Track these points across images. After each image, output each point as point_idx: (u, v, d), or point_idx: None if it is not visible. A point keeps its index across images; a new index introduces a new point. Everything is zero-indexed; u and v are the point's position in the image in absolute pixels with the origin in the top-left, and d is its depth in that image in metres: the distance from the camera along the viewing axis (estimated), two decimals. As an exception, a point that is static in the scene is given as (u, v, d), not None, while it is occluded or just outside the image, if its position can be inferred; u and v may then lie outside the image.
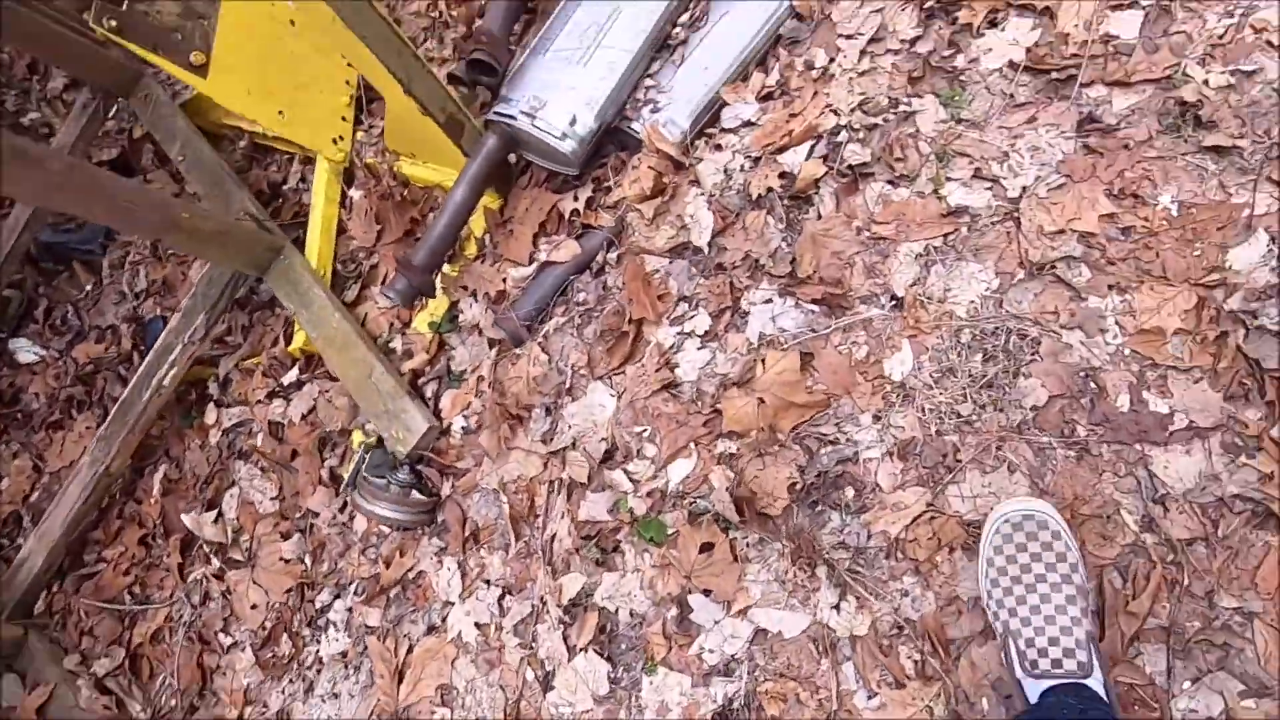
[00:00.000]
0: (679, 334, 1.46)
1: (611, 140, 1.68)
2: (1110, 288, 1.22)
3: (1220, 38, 1.31)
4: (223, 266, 1.78)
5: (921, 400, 1.25)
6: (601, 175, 1.68)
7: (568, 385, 1.53)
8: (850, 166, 1.44)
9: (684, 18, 1.66)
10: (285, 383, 1.85)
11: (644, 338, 1.50)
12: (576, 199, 1.65)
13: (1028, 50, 1.41)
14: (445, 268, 1.75)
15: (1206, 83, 1.28)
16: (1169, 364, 1.14)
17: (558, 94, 1.57)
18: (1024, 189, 1.32)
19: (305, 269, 1.79)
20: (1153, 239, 1.22)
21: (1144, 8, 1.37)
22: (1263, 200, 1.19)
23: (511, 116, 1.57)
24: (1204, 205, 1.22)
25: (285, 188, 2.12)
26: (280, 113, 1.82)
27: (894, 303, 1.34)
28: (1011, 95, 1.40)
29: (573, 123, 1.55)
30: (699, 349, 1.44)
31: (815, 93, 1.54)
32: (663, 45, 1.66)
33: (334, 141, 1.94)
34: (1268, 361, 1.09)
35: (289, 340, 1.86)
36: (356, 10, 1.29)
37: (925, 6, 1.51)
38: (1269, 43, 1.28)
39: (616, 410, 1.46)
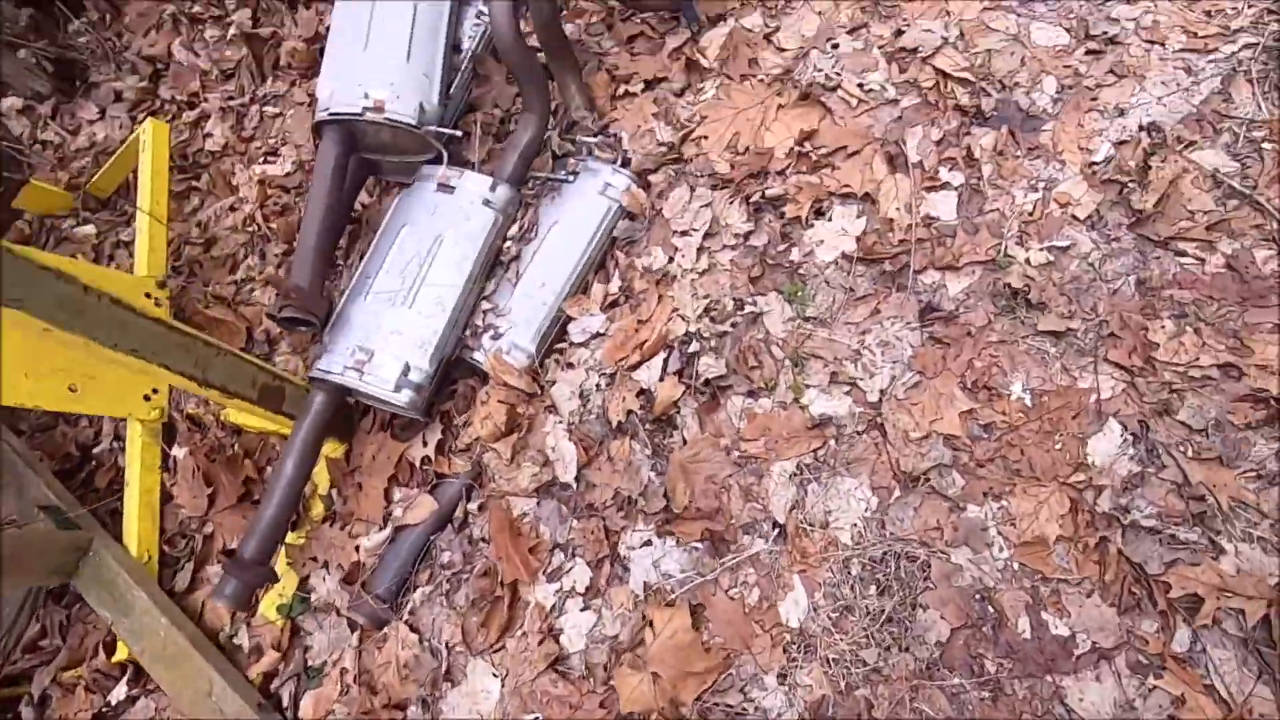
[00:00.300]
0: (558, 593, 1.32)
1: (456, 368, 1.55)
2: (985, 495, 1.18)
3: (1030, 214, 1.34)
4: (15, 586, 1.50)
5: (824, 650, 1.15)
6: (451, 410, 1.54)
7: (444, 669, 1.34)
8: (707, 381, 1.37)
9: (513, 230, 1.58)
10: (114, 700, 1.55)
11: (521, 599, 1.35)
12: (426, 443, 1.50)
13: (858, 239, 1.40)
14: (290, 536, 1.54)
15: (1028, 262, 1.30)
16: (1059, 577, 1.10)
17: (385, 340, 1.43)
18: (882, 392, 1.28)
19: (122, 564, 1.53)
20: (1014, 435, 1.20)
21: (956, 189, 1.39)
22: (1106, 384, 1.19)
23: (337, 373, 1.42)
24: (1054, 392, 1.21)
25: (97, 450, 1.85)
26: (72, 388, 1.58)
27: (777, 531, 1.25)
28: (851, 288, 1.38)
29: (406, 371, 1.41)
30: (582, 610, 1.30)
31: (660, 297, 1.48)
32: (495, 263, 1.57)
33: (146, 399, 1.71)
34: (1150, 565, 1.06)
35: (112, 649, 1.58)
36: (120, 324, 1.11)
37: (752, 200, 1.49)
38: (1074, 216, 1.31)
39: (502, 697, 1.28)
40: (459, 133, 1.58)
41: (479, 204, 1.53)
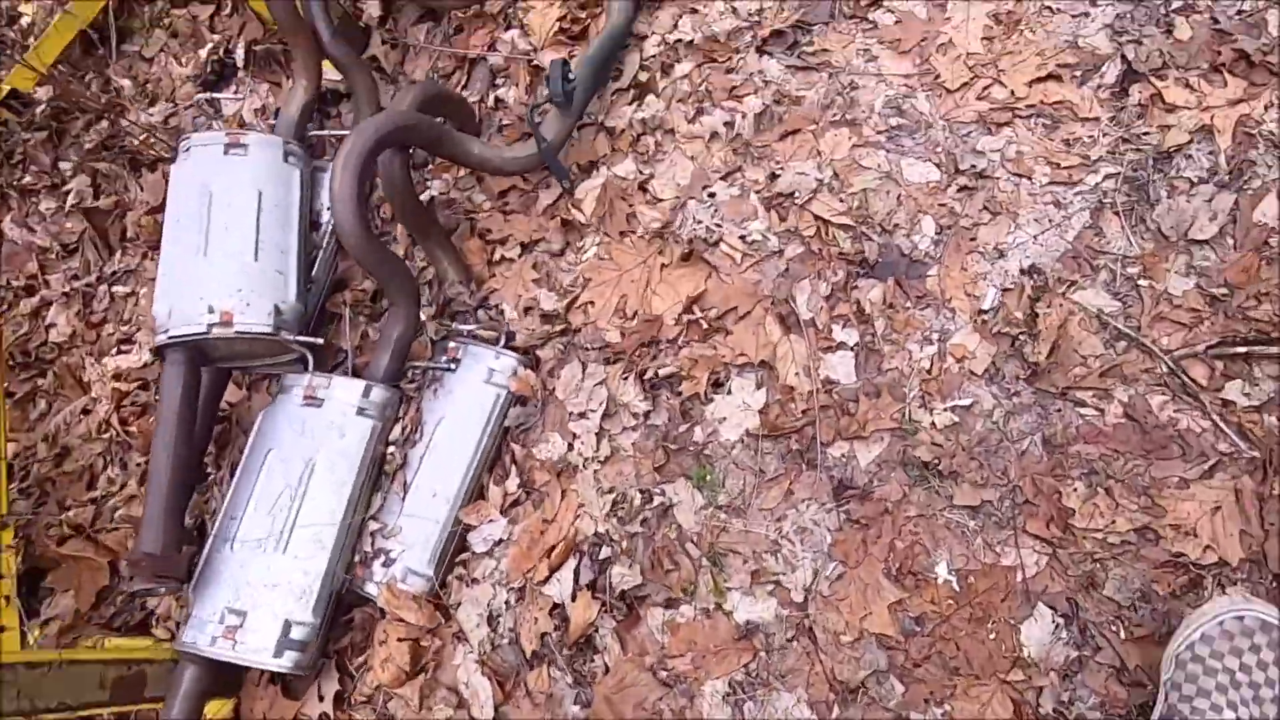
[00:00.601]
0: None
1: (348, 595, 1.40)
2: (927, 701, 1.11)
3: (929, 371, 1.30)
4: None
5: None
6: (348, 648, 1.38)
7: None
8: (623, 594, 1.26)
9: (396, 432, 1.45)
10: None
11: None
12: (322, 697, 1.34)
13: (760, 413, 1.33)
14: (176, 824, 1.34)
15: (934, 425, 1.25)
16: (1014, 794, 1.03)
17: (258, 595, 1.27)
18: (806, 589, 1.20)
19: None
20: (946, 626, 1.14)
21: (851, 348, 1.34)
22: (1029, 559, 1.15)
23: (205, 644, 1.25)
24: (979, 572, 1.16)
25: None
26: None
27: (718, 763, 1.15)
28: (761, 469, 1.30)
29: (287, 630, 1.25)
30: None
31: (563, 492, 1.37)
32: (379, 472, 1.43)
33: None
34: (1103, 771, 1.01)
35: None
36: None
37: (646, 378, 1.41)
38: (972, 372, 1.28)
39: None
40: (319, 340, 1.45)
41: (353, 414, 1.39)
